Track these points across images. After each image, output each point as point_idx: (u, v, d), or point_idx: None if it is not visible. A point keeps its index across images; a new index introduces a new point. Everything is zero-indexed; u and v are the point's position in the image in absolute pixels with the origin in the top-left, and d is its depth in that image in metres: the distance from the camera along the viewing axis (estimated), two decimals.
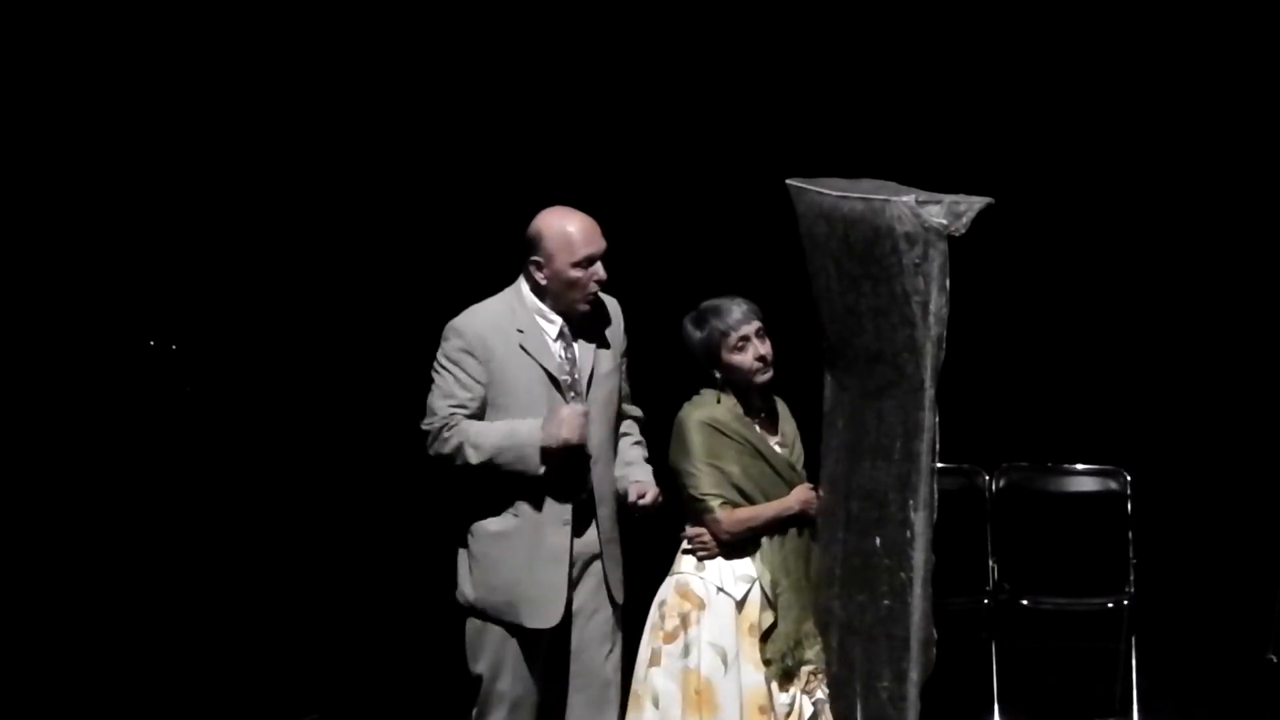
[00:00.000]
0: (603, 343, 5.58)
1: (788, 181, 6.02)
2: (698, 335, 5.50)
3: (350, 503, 9.03)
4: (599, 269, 5.47)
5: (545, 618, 5.45)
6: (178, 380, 9.21)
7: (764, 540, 5.49)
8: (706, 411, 5.45)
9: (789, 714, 5.38)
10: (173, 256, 9.16)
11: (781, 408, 5.63)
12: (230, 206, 9.23)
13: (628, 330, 5.73)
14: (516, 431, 5.39)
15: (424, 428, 5.48)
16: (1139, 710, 7.20)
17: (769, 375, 5.51)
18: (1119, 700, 7.29)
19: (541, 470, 5.38)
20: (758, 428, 5.51)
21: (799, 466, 5.60)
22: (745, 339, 5.48)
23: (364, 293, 9.31)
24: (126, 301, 9.13)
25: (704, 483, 5.42)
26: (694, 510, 5.46)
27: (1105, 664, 7.39)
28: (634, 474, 5.60)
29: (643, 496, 5.53)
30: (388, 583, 8.75)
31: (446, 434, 5.43)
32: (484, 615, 5.48)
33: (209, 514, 9.01)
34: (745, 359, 5.48)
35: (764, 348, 5.49)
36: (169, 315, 9.22)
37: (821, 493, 5.82)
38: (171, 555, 8.80)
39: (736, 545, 5.44)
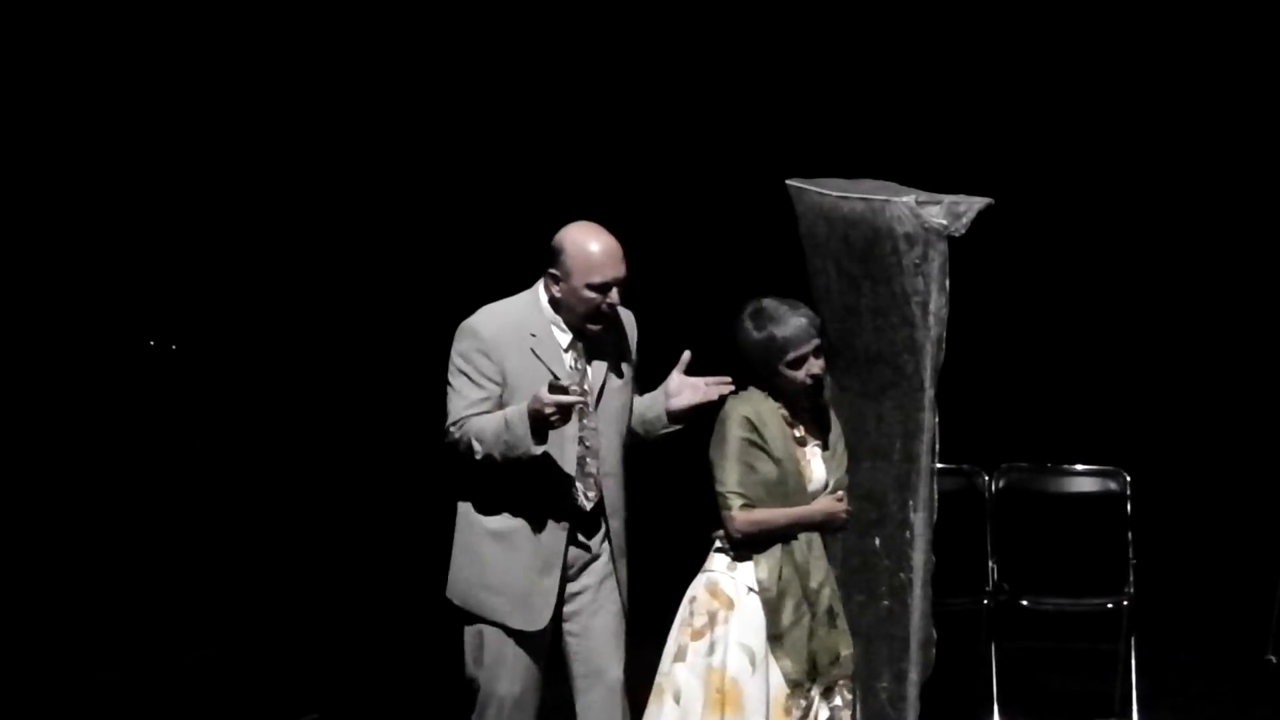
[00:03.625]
0: (616, 358, 5.52)
1: (788, 182, 6.01)
2: (755, 337, 5.35)
3: (349, 503, 9.03)
4: (613, 294, 5.38)
5: (532, 621, 5.44)
6: (178, 380, 9.21)
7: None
8: (752, 407, 5.36)
9: (804, 716, 5.34)
10: (173, 257, 9.16)
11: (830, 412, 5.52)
12: (230, 207, 9.24)
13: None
14: (506, 416, 5.36)
15: (446, 430, 5.47)
16: (1138, 711, 7.19)
17: (818, 394, 5.41)
18: (1118, 701, 7.28)
19: (538, 449, 5.30)
20: (801, 430, 5.43)
21: (842, 470, 5.46)
22: (804, 358, 5.34)
23: (362, 294, 9.31)
24: (127, 302, 9.13)
25: (729, 478, 5.34)
26: (718, 505, 5.38)
27: (1105, 664, 7.38)
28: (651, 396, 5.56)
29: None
30: (387, 583, 8.75)
31: (458, 433, 5.41)
32: (473, 613, 5.48)
33: (209, 514, 9.01)
34: (799, 375, 5.33)
35: (817, 366, 5.35)
36: (169, 316, 9.22)
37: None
38: (171, 554, 8.80)
39: (749, 545, 5.36)
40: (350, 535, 8.98)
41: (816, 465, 5.44)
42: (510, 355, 5.42)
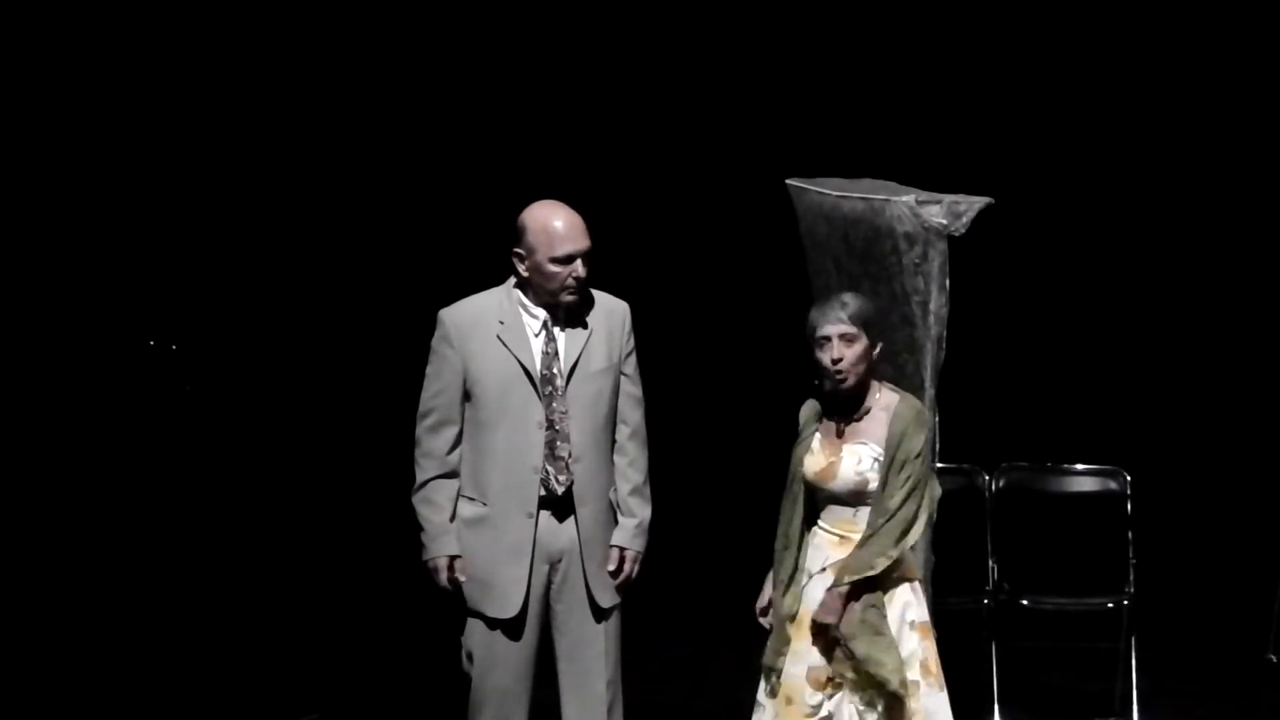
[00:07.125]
0: (594, 340, 5.52)
1: (788, 181, 6.02)
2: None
3: (350, 502, 9.03)
4: (578, 267, 5.41)
5: (503, 609, 5.46)
6: (178, 380, 9.21)
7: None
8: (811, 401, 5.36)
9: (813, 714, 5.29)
10: (173, 256, 9.17)
11: (882, 413, 5.23)
12: (229, 207, 9.24)
13: (636, 331, 5.65)
14: (433, 530, 5.50)
15: (418, 417, 5.57)
16: (1139, 710, 7.20)
17: (842, 382, 5.19)
18: (1119, 700, 7.28)
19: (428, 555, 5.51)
20: (833, 425, 5.30)
21: (869, 481, 5.21)
22: (826, 339, 5.17)
23: (362, 292, 9.32)
24: (127, 302, 9.14)
25: None
26: None
27: (1105, 664, 7.38)
28: (615, 536, 5.55)
29: (619, 570, 5.53)
30: (387, 582, 8.75)
31: (421, 459, 5.52)
32: (466, 601, 5.52)
33: (209, 513, 9.02)
34: (821, 358, 5.20)
35: (838, 352, 5.16)
36: (169, 315, 9.23)
37: None
38: (171, 555, 8.81)
39: None
40: (350, 535, 8.99)
41: (843, 461, 5.25)
42: (473, 343, 5.48)
